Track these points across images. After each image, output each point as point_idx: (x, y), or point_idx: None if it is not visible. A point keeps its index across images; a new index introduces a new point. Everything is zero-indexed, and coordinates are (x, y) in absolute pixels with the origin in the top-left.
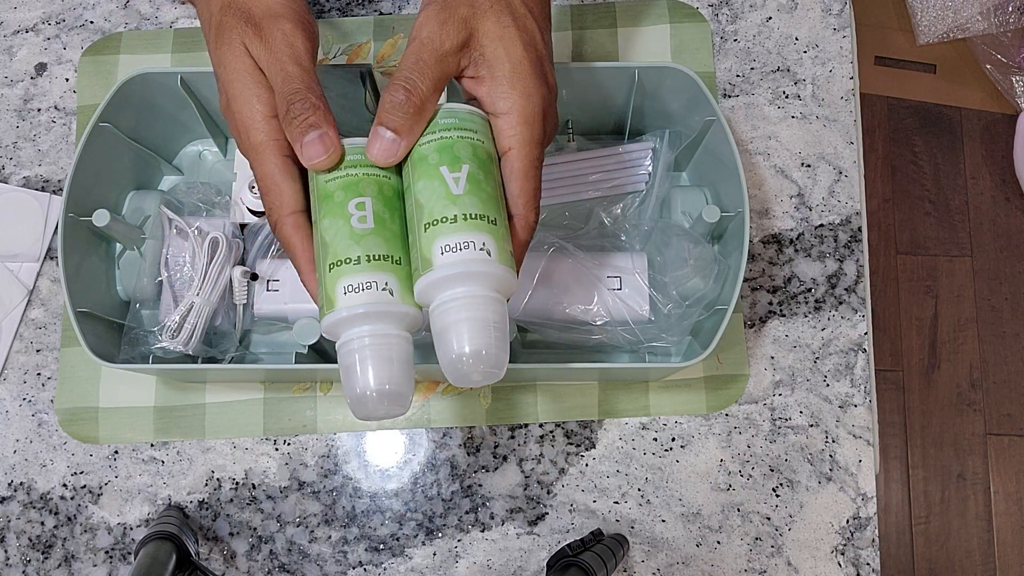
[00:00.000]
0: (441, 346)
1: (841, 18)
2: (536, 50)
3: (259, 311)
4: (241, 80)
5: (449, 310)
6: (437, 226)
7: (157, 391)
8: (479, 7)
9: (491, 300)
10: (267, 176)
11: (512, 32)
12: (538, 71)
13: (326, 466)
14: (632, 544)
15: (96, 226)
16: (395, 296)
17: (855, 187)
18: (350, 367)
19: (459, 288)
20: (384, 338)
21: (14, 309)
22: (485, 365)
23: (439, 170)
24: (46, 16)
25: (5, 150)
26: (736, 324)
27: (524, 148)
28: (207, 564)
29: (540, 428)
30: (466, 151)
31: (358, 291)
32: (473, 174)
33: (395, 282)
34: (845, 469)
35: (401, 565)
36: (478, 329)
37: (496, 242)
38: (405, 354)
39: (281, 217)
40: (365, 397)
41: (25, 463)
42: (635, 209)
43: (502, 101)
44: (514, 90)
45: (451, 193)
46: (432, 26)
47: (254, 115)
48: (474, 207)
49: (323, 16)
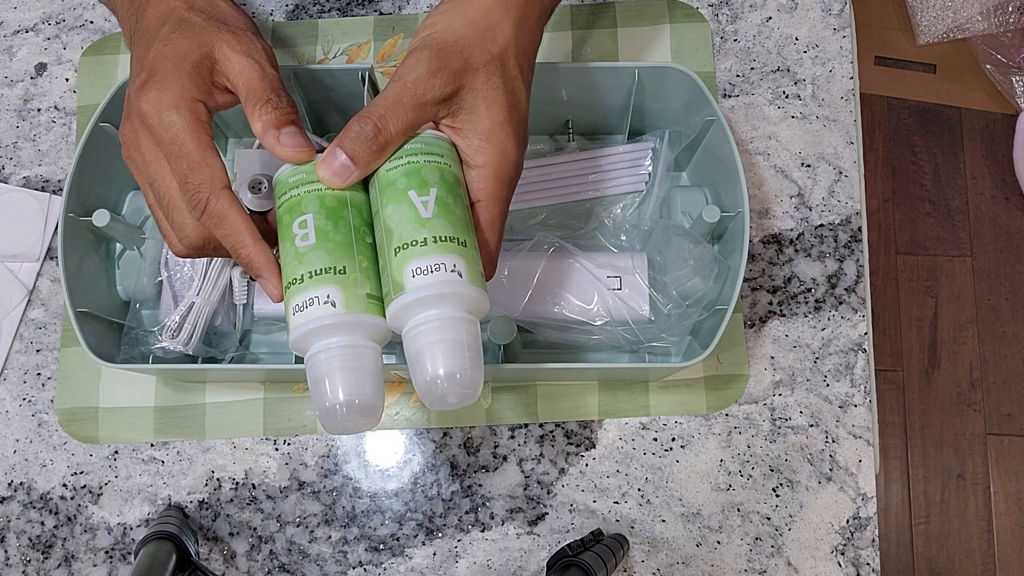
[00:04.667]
0: (416, 369)
1: (841, 18)
2: (518, 112)
3: (259, 311)
4: (188, 62)
5: (422, 333)
6: (407, 249)
7: (157, 391)
8: (472, 63)
9: (464, 321)
10: (196, 151)
11: (499, 94)
12: (516, 132)
13: (326, 466)
14: (632, 544)
15: (96, 226)
16: (337, 308)
17: (855, 187)
18: (318, 380)
19: (432, 310)
20: (353, 349)
21: (14, 309)
22: (460, 387)
23: (407, 194)
24: (46, 16)
25: (5, 150)
26: (736, 324)
27: (493, 201)
28: (207, 564)
29: (540, 428)
30: (434, 175)
31: (307, 306)
32: (441, 197)
33: (339, 294)
34: (845, 469)
35: (401, 565)
36: (452, 351)
37: (467, 263)
38: (375, 365)
39: (215, 191)
40: (334, 410)
41: (25, 463)
42: (635, 209)
43: (479, 155)
44: (491, 146)
45: (420, 216)
46: (420, 72)
47: (186, 93)
48: (444, 229)
49: (323, 16)
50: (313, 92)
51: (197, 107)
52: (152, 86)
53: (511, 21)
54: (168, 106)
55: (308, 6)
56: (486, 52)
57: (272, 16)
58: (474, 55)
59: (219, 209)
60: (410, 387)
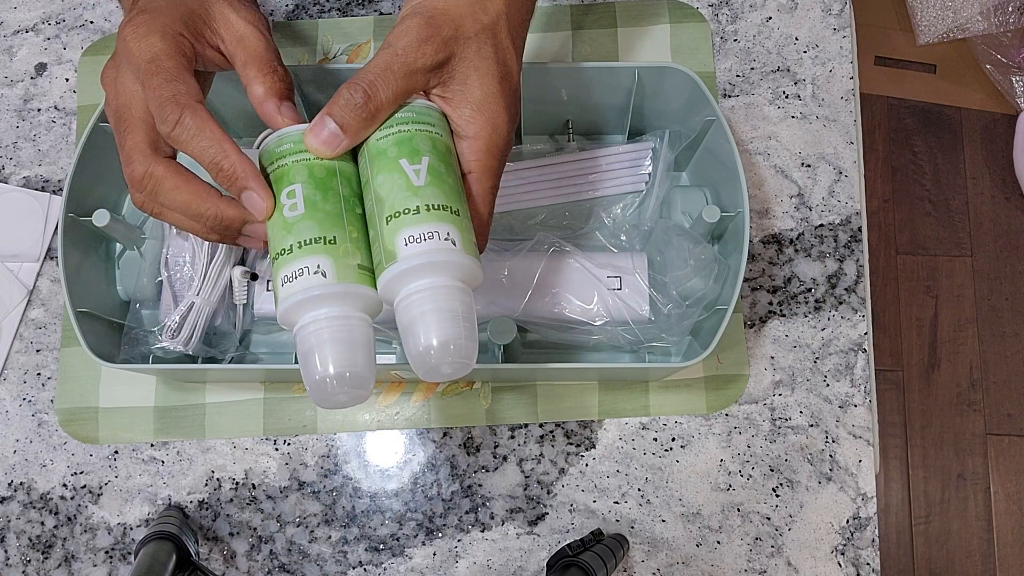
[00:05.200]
0: (409, 339)
1: (841, 18)
2: (510, 83)
3: (259, 311)
4: (184, 6)
5: (415, 302)
6: (399, 218)
7: (157, 391)
8: (463, 32)
9: (458, 290)
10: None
11: (491, 65)
12: (508, 104)
13: (326, 466)
14: (632, 544)
15: (96, 226)
16: (328, 278)
17: (855, 187)
18: (308, 352)
19: (424, 279)
20: (344, 320)
21: (14, 309)
22: (455, 356)
23: (399, 163)
24: (46, 16)
25: (5, 150)
26: (736, 324)
27: (484, 173)
28: (207, 564)
29: (540, 428)
30: (425, 144)
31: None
32: (434, 166)
33: (329, 264)
34: (845, 469)
35: (401, 565)
36: (446, 320)
37: (460, 232)
38: (367, 337)
39: (191, 104)
40: (325, 383)
41: (25, 463)
42: (635, 209)
43: (470, 126)
44: (482, 117)
45: (412, 185)
46: (411, 39)
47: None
48: (436, 198)
49: (323, 16)
50: (313, 92)
51: (182, 40)
52: (141, 18)
53: None
54: (153, 31)
55: (308, 6)
56: (477, 21)
57: (272, 16)
58: (465, 24)
59: (196, 121)
60: (410, 387)
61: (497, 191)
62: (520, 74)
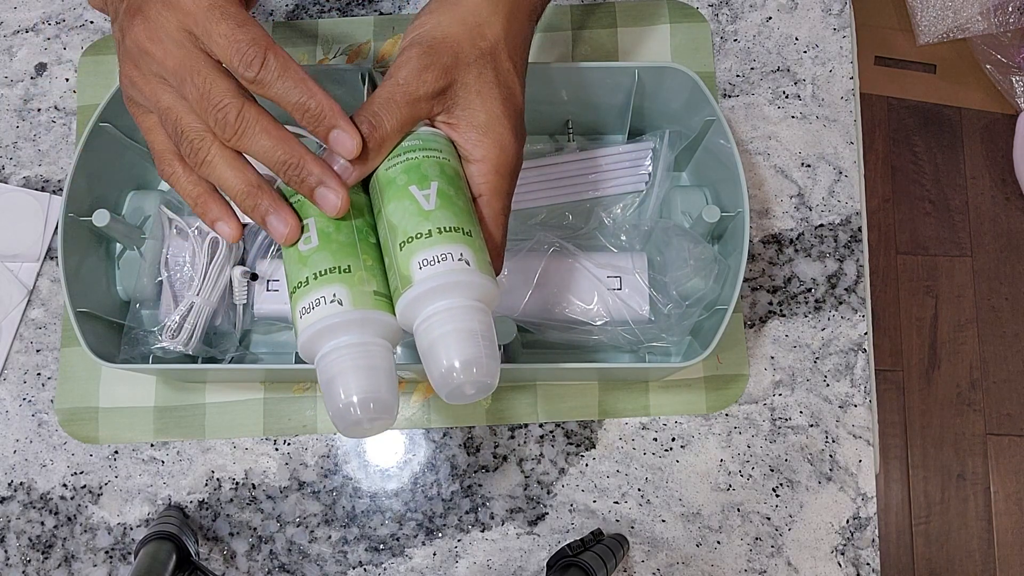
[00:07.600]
0: (430, 362)
1: (841, 18)
2: (514, 105)
3: (259, 311)
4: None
5: (434, 324)
6: (412, 243)
7: (157, 391)
8: (463, 58)
9: (475, 310)
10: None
11: (493, 88)
12: (513, 124)
13: (326, 466)
14: (632, 544)
15: (96, 226)
16: (344, 305)
17: (855, 187)
18: (331, 380)
19: (441, 301)
20: (363, 347)
21: (14, 309)
22: (477, 375)
23: (408, 190)
24: (46, 16)
25: (5, 150)
26: (736, 324)
27: (494, 195)
28: (207, 564)
29: (540, 428)
30: (433, 169)
31: (314, 307)
32: (443, 190)
33: (345, 292)
34: (845, 469)
35: (401, 565)
36: (466, 340)
37: (474, 252)
38: (388, 363)
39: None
40: (349, 411)
41: (25, 463)
42: (635, 209)
43: (477, 149)
44: (489, 139)
45: (423, 210)
46: (411, 69)
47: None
48: (447, 220)
49: (323, 16)
50: None
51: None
52: (150, 5)
53: (500, 17)
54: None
55: (308, 6)
56: (476, 47)
57: (272, 16)
58: (464, 50)
59: (280, 61)
60: (410, 387)
61: (509, 212)
62: (524, 95)
